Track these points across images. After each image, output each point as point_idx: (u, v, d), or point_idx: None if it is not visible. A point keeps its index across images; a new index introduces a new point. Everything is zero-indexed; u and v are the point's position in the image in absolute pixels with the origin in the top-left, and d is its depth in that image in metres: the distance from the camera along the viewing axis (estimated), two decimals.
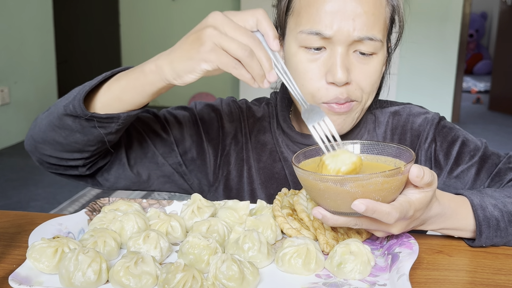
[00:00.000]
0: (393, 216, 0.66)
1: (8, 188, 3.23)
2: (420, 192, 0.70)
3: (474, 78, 7.45)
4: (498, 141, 4.64)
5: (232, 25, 0.69)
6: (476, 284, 0.70)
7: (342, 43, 0.85)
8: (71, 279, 0.64)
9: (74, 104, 0.80)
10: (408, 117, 1.01)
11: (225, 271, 0.64)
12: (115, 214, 0.80)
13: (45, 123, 0.86)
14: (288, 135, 1.01)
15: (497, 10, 6.51)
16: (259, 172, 1.02)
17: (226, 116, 1.03)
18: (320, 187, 0.66)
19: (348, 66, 0.86)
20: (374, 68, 0.89)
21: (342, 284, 0.68)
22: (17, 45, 4.08)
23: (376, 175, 0.64)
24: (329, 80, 0.86)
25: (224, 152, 1.02)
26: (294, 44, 0.89)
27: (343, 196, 0.65)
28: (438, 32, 5.03)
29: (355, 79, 0.87)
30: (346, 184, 0.64)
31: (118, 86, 0.81)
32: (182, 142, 0.99)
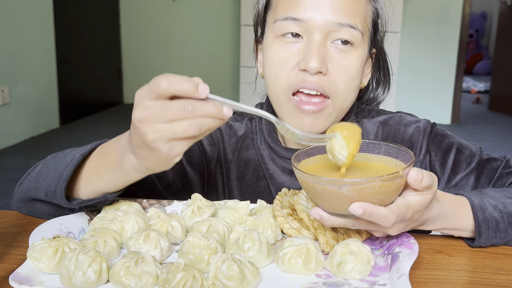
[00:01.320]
0: (390, 219, 0.66)
1: (9, 188, 3.23)
2: (420, 194, 0.70)
3: (474, 78, 7.44)
4: (498, 141, 4.64)
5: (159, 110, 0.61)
6: (476, 284, 0.70)
7: (319, 30, 0.82)
8: (71, 279, 0.64)
9: (57, 199, 0.77)
10: (399, 127, 0.97)
11: (225, 271, 0.64)
12: (115, 214, 0.80)
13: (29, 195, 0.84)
14: (274, 150, 0.97)
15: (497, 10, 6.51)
16: (241, 191, 0.99)
17: (206, 140, 1.00)
18: (318, 189, 0.66)
19: (324, 56, 0.83)
20: (351, 62, 0.85)
21: (342, 284, 0.68)
22: (18, 45, 4.08)
23: (373, 179, 0.63)
24: (301, 66, 0.83)
25: (210, 177, 1.00)
26: (270, 35, 0.87)
27: (340, 198, 0.65)
28: (438, 32, 5.03)
29: (331, 74, 0.84)
30: (343, 187, 0.64)
31: (100, 181, 0.76)
32: (164, 177, 0.96)
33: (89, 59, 5.09)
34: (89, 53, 5.09)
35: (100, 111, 5.30)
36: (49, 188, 0.79)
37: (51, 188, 0.78)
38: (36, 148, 4.01)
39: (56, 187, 0.77)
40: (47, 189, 0.79)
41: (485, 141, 4.61)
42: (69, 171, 0.77)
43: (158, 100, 0.62)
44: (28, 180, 0.87)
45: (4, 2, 3.88)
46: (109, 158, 0.75)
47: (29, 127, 4.27)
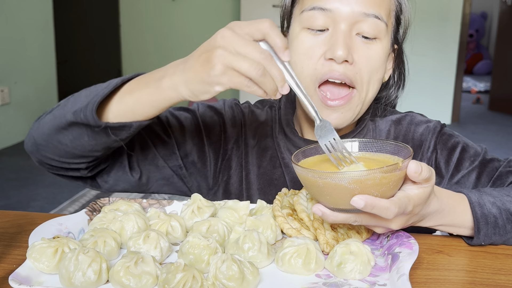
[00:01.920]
0: (392, 211, 0.67)
1: (8, 188, 3.23)
2: (419, 187, 0.71)
3: (474, 78, 7.45)
4: (498, 141, 4.64)
5: (241, 42, 0.67)
6: (476, 284, 0.70)
7: (345, 20, 0.84)
8: (71, 279, 0.64)
9: (86, 113, 0.78)
10: (410, 126, 1.00)
11: (225, 271, 0.64)
12: (115, 214, 0.80)
13: (50, 126, 0.85)
14: (291, 139, 1.00)
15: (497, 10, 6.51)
16: (258, 177, 1.01)
17: (229, 120, 1.02)
18: (319, 184, 0.66)
19: (350, 45, 0.84)
20: (376, 53, 0.87)
21: (342, 284, 0.68)
22: (17, 45, 4.08)
23: (374, 171, 0.64)
24: (327, 56, 0.85)
25: (225, 157, 1.02)
26: (297, 26, 0.89)
27: (342, 192, 0.66)
28: (438, 32, 5.03)
29: (356, 62, 0.85)
30: (344, 180, 0.65)
31: (132, 99, 0.79)
32: (183, 145, 0.99)
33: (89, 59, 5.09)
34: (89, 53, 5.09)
35: None
36: (80, 106, 0.79)
37: (82, 105, 0.79)
38: None
39: (88, 103, 0.78)
40: (77, 108, 0.80)
41: (485, 141, 4.61)
42: (106, 90, 0.78)
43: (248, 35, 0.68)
44: (50, 114, 0.87)
45: (4, 2, 3.88)
46: (146, 79, 0.78)
47: (28, 127, 4.24)
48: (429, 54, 5.08)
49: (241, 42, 0.67)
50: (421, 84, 5.14)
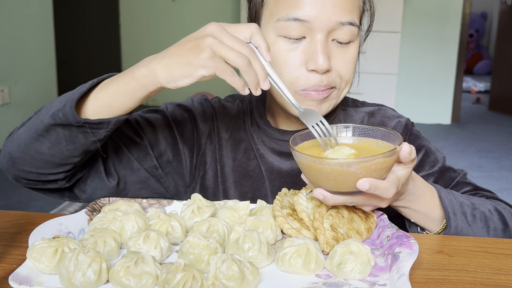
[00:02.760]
0: (391, 190, 0.73)
1: (8, 188, 3.23)
2: (404, 168, 0.77)
3: (474, 78, 7.45)
4: (498, 141, 4.64)
5: (229, 35, 0.73)
6: (476, 284, 0.70)
7: (322, 30, 0.85)
8: (71, 279, 0.64)
9: (64, 111, 0.79)
10: (383, 119, 1.04)
11: (225, 271, 0.64)
12: (115, 214, 0.80)
13: (27, 136, 0.85)
14: (265, 131, 1.01)
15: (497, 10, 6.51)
16: (233, 170, 1.02)
17: (199, 116, 1.03)
18: (326, 170, 0.71)
19: (328, 54, 0.87)
20: (351, 55, 0.90)
21: (342, 284, 0.68)
22: (17, 45, 4.08)
23: (378, 156, 0.70)
24: (310, 67, 0.86)
25: (200, 152, 1.02)
26: (272, 33, 0.89)
27: (347, 177, 0.71)
28: (438, 32, 5.03)
29: (335, 67, 0.89)
30: (352, 166, 0.70)
31: (107, 93, 0.81)
32: (157, 145, 0.99)
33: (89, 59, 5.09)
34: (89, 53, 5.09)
35: None
36: (57, 107, 0.81)
37: (59, 106, 0.81)
38: None
39: (66, 102, 0.80)
40: (54, 110, 0.81)
41: (485, 141, 4.62)
42: (82, 89, 0.81)
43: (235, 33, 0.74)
44: (24, 126, 0.88)
45: (4, 2, 3.88)
46: (121, 74, 0.81)
47: None
48: (429, 54, 5.08)
49: (229, 35, 0.73)
50: (421, 84, 5.14)
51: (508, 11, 5.73)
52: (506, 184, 3.51)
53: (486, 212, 0.90)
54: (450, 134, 4.78)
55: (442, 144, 4.42)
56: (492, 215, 0.90)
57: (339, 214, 0.80)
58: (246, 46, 0.73)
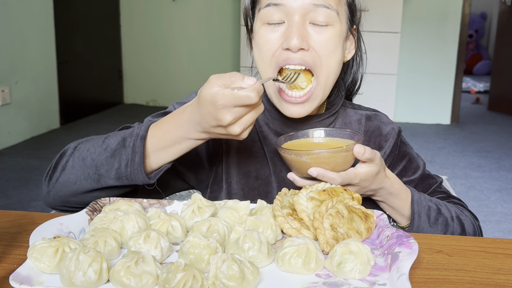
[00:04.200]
0: (337, 181, 0.87)
1: (9, 188, 3.24)
2: (366, 166, 0.90)
3: (473, 78, 7.44)
4: (498, 141, 4.64)
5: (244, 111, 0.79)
6: (475, 283, 0.70)
7: (297, 12, 0.91)
8: (71, 279, 0.64)
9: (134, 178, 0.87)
10: (379, 124, 1.10)
11: (226, 270, 0.64)
12: (115, 214, 0.80)
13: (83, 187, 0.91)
14: (271, 112, 1.05)
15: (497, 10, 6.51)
16: (238, 151, 1.06)
17: None
18: (288, 158, 0.90)
19: (304, 34, 0.92)
20: (329, 37, 0.94)
21: (342, 283, 0.68)
22: (18, 45, 4.08)
23: (323, 151, 0.86)
24: (284, 46, 0.92)
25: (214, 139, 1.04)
26: (258, 23, 0.96)
27: (302, 165, 0.88)
28: (438, 32, 5.03)
29: (312, 47, 0.93)
30: (303, 156, 0.87)
31: (168, 156, 0.88)
32: None
33: (89, 59, 5.09)
34: (89, 53, 5.09)
35: (100, 111, 5.30)
36: (120, 172, 0.88)
37: (122, 172, 0.88)
38: (36, 148, 4.01)
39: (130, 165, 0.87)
40: (117, 173, 0.88)
41: (484, 141, 4.62)
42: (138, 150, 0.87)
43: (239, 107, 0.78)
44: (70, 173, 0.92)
45: (4, 3, 3.88)
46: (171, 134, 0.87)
47: (29, 127, 4.27)
48: (429, 54, 5.08)
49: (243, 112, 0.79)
50: (421, 84, 5.14)
51: (507, 11, 5.73)
52: (506, 184, 3.51)
53: (449, 218, 1.01)
54: (449, 134, 4.78)
55: (441, 144, 4.42)
56: (453, 221, 1.01)
57: (339, 214, 0.80)
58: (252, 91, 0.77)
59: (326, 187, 0.88)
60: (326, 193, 0.85)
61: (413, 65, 5.11)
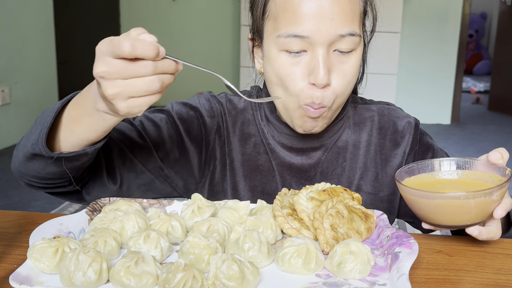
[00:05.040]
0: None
1: (9, 188, 3.23)
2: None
3: (473, 78, 7.45)
4: (498, 141, 4.64)
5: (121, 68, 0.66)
6: (475, 283, 0.70)
7: (322, 44, 0.85)
8: (71, 279, 0.64)
9: (39, 147, 0.79)
10: (394, 119, 1.05)
11: (226, 270, 0.64)
12: (115, 214, 0.80)
13: (21, 156, 0.87)
14: (275, 125, 1.02)
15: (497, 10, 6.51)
16: (242, 164, 1.03)
17: (206, 112, 1.03)
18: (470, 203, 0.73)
19: (329, 67, 0.86)
20: (352, 65, 0.89)
21: (342, 284, 0.68)
22: (18, 45, 4.08)
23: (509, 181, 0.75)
24: (311, 81, 0.86)
25: (209, 148, 1.03)
26: (274, 48, 0.89)
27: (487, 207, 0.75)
28: (438, 32, 5.03)
29: (334, 82, 0.88)
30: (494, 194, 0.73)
31: (81, 128, 0.79)
32: (162, 145, 0.99)
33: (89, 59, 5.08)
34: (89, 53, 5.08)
35: None
36: (34, 138, 0.81)
37: (35, 138, 0.81)
38: None
39: (38, 136, 0.80)
40: (33, 140, 0.81)
41: (485, 141, 4.62)
42: (49, 119, 0.79)
43: (119, 59, 0.65)
44: (22, 141, 0.89)
45: (4, 3, 3.88)
46: (85, 104, 0.77)
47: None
48: (429, 54, 5.08)
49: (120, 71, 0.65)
50: (421, 84, 5.14)
51: (507, 11, 5.73)
52: None
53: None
54: (449, 134, 4.78)
55: (442, 144, 4.42)
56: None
57: (339, 214, 0.80)
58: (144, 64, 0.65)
59: (326, 187, 0.88)
60: (326, 193, 0.85)
61: (413, 65, 5.12)
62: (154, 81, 0.66)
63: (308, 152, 1.02)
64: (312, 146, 1.01)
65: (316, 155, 1.02)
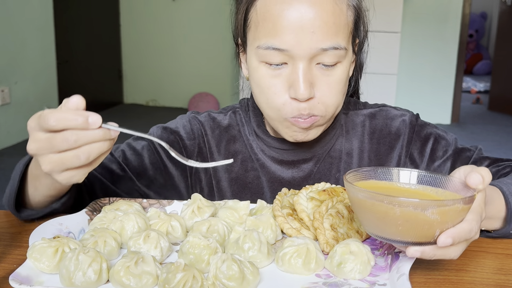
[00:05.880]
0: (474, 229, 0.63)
1: None
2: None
3: (473, 78, 7.45)
4: (498, 141, 4.64)
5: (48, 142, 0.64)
6: (476, 284, 0.70)
7: (303, 57, 0.82)
8: (71, 279, 0.64)
9: (10, 209, 0.81)
10: (386, 121, 1.01)
11: (225, 270, 0.64)
12: (115, 214, 0.80)
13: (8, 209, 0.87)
14: (263, 140, 0.99)
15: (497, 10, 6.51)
16: (230, 183, 1.01)
17: (185, 134, 1.01)
18: (395, 212, 0.60)
19: (311, 80, 0.83)
20: (338, 78, 0.86)
21: (342, 284, 0.68)
22: (18, 45, 4.08)
23: (457, 201, 0.60)
24: (291, 95, 0.84)
25: (193, 171, 1.01)
26: (254, 58, 0.87)
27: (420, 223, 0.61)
28: (438, 32, 5.03)
29: (318, 94, 0.85)
30: (429, 209, 0.59)
31: (43, 188, 0.79)
32: (144, 174, 0.98)
33: (89, 59, 5.09)
34: (89, 53, 5.09)
35: (100, 111, 5.28)
36: (5, 201, 0.83)
37: (6, 201, 0.83)
38: None
39: (8, 199, 0.81)
40: (5, 201, 0.83)
41: (485, 141, 4.62)
42: (15, 182, 0.80)
43: (46, 132, 0.64)
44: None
45: (4, 3, 3.88)
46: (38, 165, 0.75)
47: None
48: (429, 54, 5.08)
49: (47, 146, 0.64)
50: (421, 84, 5.14)
51: (508, 11, 5.73)
52: None
53: None
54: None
55: None
56: None
57: (339, 214, 0.80)
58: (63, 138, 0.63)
59: (326, 187, 0.88)
60: (326, 193, 0.85)
61: (413, 65, 5.11)
62: (78, 155, 0.64)
63: (300, 165, 0.99)
64: (303, 158, 0.99)
65: (307, 167, 0.99)
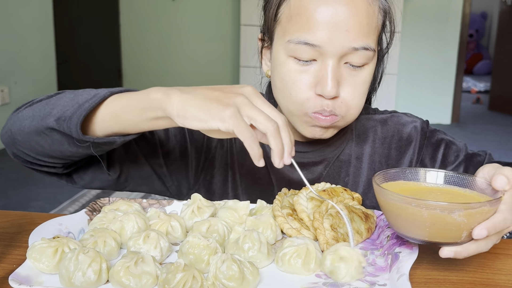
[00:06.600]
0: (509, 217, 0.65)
1: (8, 188, 3.23)
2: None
3: (474, 78, 7.45)
4: (498, 141, 4.64)
5: (264, 101, 0.70)
6: (476, 284, 0.70)
7: (333, 55, 0.82)
8: (71, 279, 0.64)
9: (70, 126, 0.75)
10: (397, 127, 1.02)
11: (225, 271, 0.64)
12: (115, 214, 0.80)
13: (30, 125, 0.81)
14: None
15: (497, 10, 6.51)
16: (241, 177, 1.01)
17: None
18: (423, 214, 0.64)
19: (338, 79, 0.84)
20: (363, 79, 0.86)
21: (342, 284, 0.68)
22: (17, 45, 4.08)
23: (484, 203, 0.64)
24: (318, 91, 0.84)
25: (209, 156, 1.01)
26: (282, 52, 0.87)
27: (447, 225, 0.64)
28: (438, 32, 5.03)
29: (343, 94, 0.85)
30: (455, 212, 0.63)
31: (118, 104, 0.76)
32: (167, 143, 0.98)
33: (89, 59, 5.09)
34: (89, 53, 5.09)
35: None
36: (64, 114, 0.76)
37: (66, 114, 0.76)
38: None
39: (73, 114, 0.76)
40: (60, 115, 0.77)
41: (485, 141, 4.62)
42: (93, 100, 0.76)
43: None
44: (31, 109, 0.84)
45: (4, 2, 3.88)
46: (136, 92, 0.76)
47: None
48: (429, 54, 5.08)
49: (262, 101, 0.70)
50: (421, 84, 5.14)
51: (508, 11, 5.73)
52: None
53: None
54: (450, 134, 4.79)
55: None
56: None
57: (339, 214, 0.80)
58: (279, 114, 0.69)
59: (326, 187, 0.88)
60: (326, 193, 0.84)
61: (413, 65, 5.11)
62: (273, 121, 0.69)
63: (310, 167, 1.00)
64: (314, 161, 0.99)
65: (317, 170, 1.00)
